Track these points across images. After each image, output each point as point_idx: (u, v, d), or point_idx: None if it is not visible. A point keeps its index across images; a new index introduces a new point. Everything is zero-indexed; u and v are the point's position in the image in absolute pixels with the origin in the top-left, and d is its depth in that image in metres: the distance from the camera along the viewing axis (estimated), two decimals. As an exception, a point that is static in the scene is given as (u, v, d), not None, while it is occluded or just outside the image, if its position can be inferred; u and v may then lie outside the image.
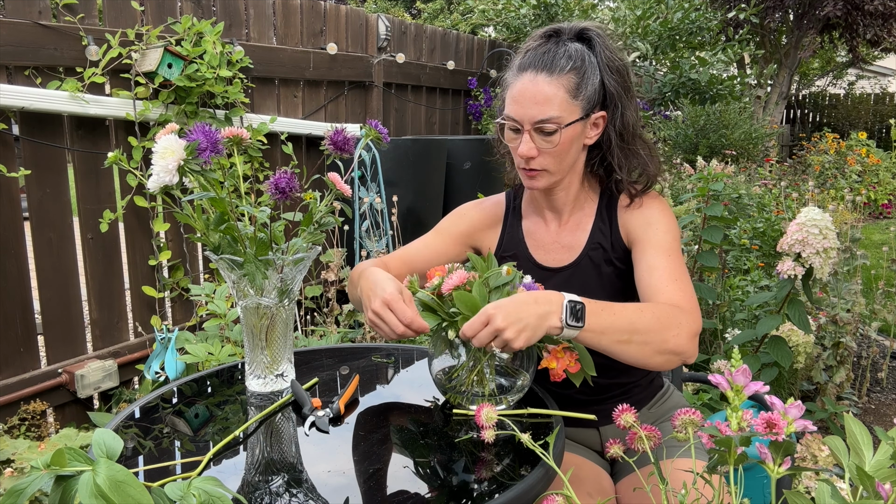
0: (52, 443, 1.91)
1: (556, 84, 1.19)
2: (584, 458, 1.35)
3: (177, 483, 0.71)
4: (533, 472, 0.95)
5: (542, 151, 1.22)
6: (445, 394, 1.18)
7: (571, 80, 1.20)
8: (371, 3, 13.67)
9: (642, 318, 1.09)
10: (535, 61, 1.21)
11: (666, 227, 1.27)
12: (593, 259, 1.33)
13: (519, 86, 1.21)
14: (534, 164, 1.24)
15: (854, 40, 9.23)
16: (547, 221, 1.39)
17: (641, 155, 1.31)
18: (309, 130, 3.35)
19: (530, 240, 1.39)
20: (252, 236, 1.11)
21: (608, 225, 1.33)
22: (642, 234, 1.28)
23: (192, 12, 2.78)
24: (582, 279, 1.33)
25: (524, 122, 1.21)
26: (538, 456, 0.89)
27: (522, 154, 1.22)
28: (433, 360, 1.19)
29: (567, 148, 1.23)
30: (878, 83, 15.12)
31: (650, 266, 1.22)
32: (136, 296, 2.69)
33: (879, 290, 3.24)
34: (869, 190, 7.37)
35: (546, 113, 1.19)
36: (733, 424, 0.71)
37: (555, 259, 1.36)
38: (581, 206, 1.36)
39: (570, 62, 1.20)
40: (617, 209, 1.33)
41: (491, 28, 6.71)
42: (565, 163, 1.26)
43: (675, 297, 1.16)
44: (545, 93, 1.19)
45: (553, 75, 1.19)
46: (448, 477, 0.96)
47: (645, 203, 1.32)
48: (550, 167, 1.24)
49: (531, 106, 1.19)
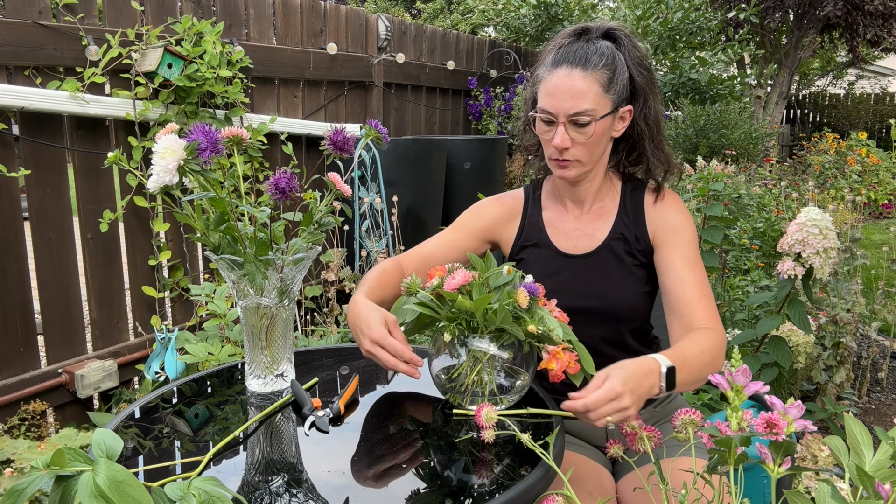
0: (52, 443, 1.91)
1: (591, 79, 1.24)
2: (585, 457, 1.35)
3: (177, 483, 0.71)
4: (533, 472, 0.95)
5: (576, 143, 1.27)
6: (445, 394, 1.17)
7: (604, 74, 1.25)
8: (371, 3, 13.67)
9: (704, 361, 1.18)
10: (570, 57, 1.26)
11: (691, 235, 1.34)
12: (614, 249, 1.37)
13: (554, 80, 1.26)
14: (567, 155, 1.28)
15: (854, 40, 9.22)
16: (569, 210, 1.42)
17: (666, 147, 1.38)
18: (309, 130, 3.35)
19: (551, 228, 1.42)
20: (252, 236, 1.11)
21: (632, 219, 1.38)
22: (669, 239, 1.33)
23: (192, 12, 2.78)
24: (604, 267, 1.36)
25: (559, 115, 1.25)
26: (539, 455, 0.89)
27: (557, 145, 1.27)
28: (433, 360, 1.19)
29: (599, 139, 1.28)
30: (878, 83, 15.12)
31: (681, 278, 1.29)
32: (136, 296, 2.69)
33: (879, 290, 3.24)
34: (869, 190, 7.37)
35: (581, 106, 1.23)
36: (733, 424, 0.71)
37: (576, 246, 1.39)
38: (602, 197, 1.41)
39: (602, 59, 1.25)
40: (643, 205, 1.38)
41: (491, 28, 6.70)
42: (595, 154, 1.31)
43: (706, 315, 1.26)
44: (580, 87, 1.24)
45: (587, 70, 1.24)
46: (448, 477, 0.96)
47: (669, 203, 1.37)
48: (582, 157, 1.29)
49: (566, 99, 1.24)
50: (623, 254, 1.36)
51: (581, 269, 1.37)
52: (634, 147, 1.38)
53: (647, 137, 1.35)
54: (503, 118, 5.00)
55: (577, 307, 1.33)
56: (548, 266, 1.39)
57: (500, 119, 5.01)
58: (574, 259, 1.38)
